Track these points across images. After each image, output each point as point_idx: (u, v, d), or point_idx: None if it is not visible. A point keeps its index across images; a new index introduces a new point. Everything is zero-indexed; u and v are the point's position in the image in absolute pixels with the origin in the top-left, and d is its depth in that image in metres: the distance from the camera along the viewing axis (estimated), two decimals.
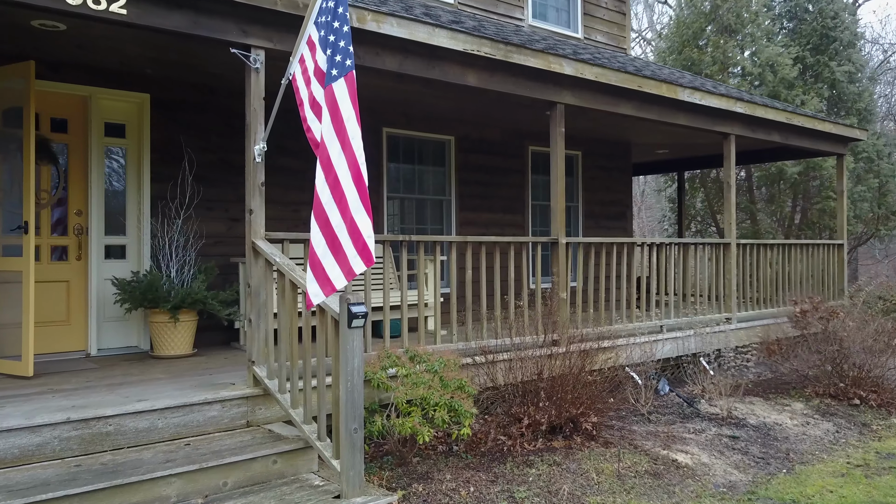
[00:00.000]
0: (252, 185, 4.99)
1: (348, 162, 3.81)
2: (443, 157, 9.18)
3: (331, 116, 3.85)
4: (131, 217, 6.78)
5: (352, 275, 3.78)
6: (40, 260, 6.38)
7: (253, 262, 4.97)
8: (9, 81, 5.49)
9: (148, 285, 6.12)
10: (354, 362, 3.94)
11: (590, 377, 5.69)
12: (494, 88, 6.47)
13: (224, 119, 7.17)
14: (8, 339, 5.45)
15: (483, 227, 9.33)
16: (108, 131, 6.68)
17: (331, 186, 3.80)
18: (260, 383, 4.85)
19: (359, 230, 3.77)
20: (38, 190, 6.38)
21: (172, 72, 6.64)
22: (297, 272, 4.51)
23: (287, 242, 5.17)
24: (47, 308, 6.37)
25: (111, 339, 6.66)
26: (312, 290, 3.81)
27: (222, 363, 6.05)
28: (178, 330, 6.27)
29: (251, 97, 4.98)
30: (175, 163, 6.87)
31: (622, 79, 7.29)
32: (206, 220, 7.01)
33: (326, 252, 3.79)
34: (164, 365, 5.93)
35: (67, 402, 4.50)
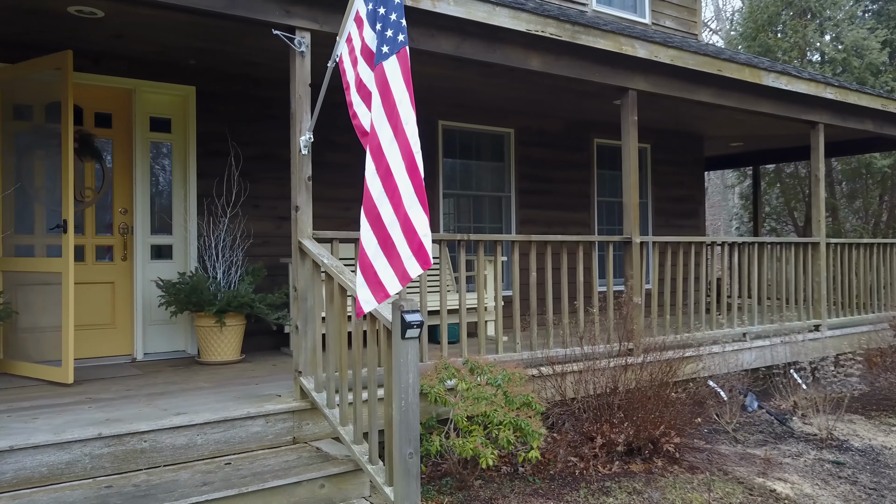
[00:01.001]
0: (298, 180, 4.58)
1: (401, 150, 3.34)
2: (501, 151, 8.65)
3: (381, 99, 3.38)
4: (177, 216, 6.49)
5: (406, 279, 3.31)
6: (84, 260, 6.14)
7: (299, 263, 4.56)
8: (46, 74, 5.23)
9: (192, 288, 5.80)
10: (409, 378, 3.46)
11: (673, 393, 5.09)
12: (560, 73, 5.91)
13: (270, 111, 6.81)
14: (49, 343, 5.19)
15: (545, 226, 8.76)
16: (153, 126, 6.40)
17: (382, 178, 3.33)
18: (307, 396, 4.43)
19: (413, 228, 3.29)
20: (83, 188, 6.14)
21: (215, 62, 6.32)
22: (346, 275, 4.07)
23: (336, 242, 4.74)
24: (92, 310, 6.12)
25: (157, 343, 6.37)
26: (363, 297, 3.35)
27: (269, 371, 5.67)
28: (225, 335, 5.93)
29: (296, 84, 4.57)
30: (220, 158, 6.54)
31: (700, 62, 6.64)
32: (254, 218, 6.67)
33: (378, 253, 3.32)
34: (209, 372, 5.59)
35: (102, 414, 4.17)
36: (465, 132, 8.30)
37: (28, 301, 5.37)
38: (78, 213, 6.12)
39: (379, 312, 3.65)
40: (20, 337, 5.42)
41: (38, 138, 5.48)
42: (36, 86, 5.39)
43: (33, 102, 5.52)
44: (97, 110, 6.19)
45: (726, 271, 7.23)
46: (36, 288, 5.31)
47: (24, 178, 5.50)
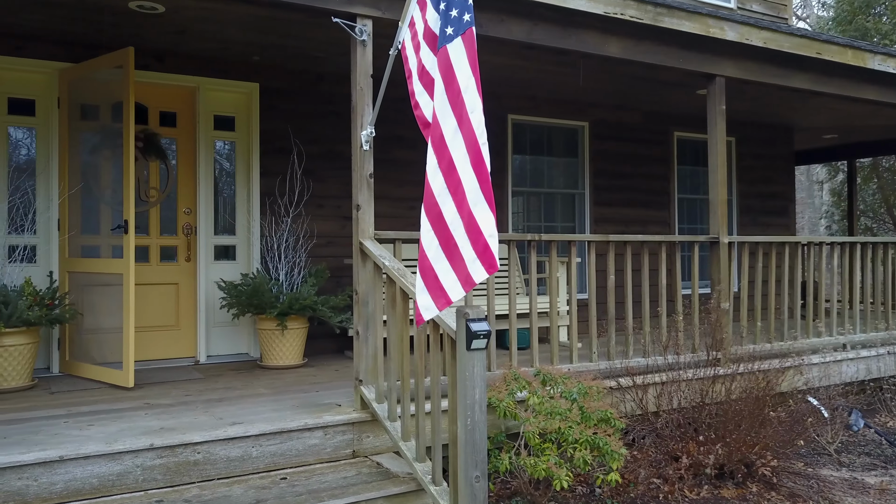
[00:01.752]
0: (359, 178, 4.32)
1: (466, 142, 3.01)
2: (574, 145, 8.22)
3: (444, 85, 3.06)
4: (240, 216, 6.36)
5: (470, 284, 2.98)
6: (149, 261, 6.08)
7: (360, 265, 4.29)
8: (110, 72, 5.15)
9: (253, 289, 5.64)
10: (475, 394, 3.13)
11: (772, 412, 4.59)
12: (640, 60, 5.46)
13: (333, 108, 6.61)
14: (112, 345, 5.11)
15: (621, 225, 8.27)
16: (217, 124, 6.28)
17: (444, 173, 3.02)
18: (368, 406, 4.17)
19: (478, 228, 2.96)
20: (147, 187, 6.08)
21: (278, 57, 6.15)
22: (408, 278, 3.77)
23: (399, 243, 4.46)
24: (157, 312, 6.06)
25: (221, 345, 6.26)
26: (423, 303, 3.04)
27: (331, 376, 5.45)
28: (287, 338, 5.75)
29: (357, 74, 4.31)
30: (283, 156, 6.38)
31: (797, 44, 6.05)
32: (317, 218, 6.48)
33: (439, 255, 3.01)
34: (270, 377, 5.42)
35: (157, 422, 4.01)
36: (535, 126, 7.90)
37: (91, 302, 5.32)
38: (142, 214, 6.07)
39: (442, 320, 3.34)
40: (84, 338, 5.38)
41: (105, 138, 5.42)
42: (101, 85, 5.33)
43: (99, 102, 5.48)
44: (162, 109, 6.12)
45: (825, 274, 6.59)
46: (99, 289, 5.25)
47: (90, 178, 5.46)
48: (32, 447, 3.49)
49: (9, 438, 3.67)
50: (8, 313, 4.74)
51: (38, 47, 5.50)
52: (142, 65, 5.77)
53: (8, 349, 4.79)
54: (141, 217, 6.06)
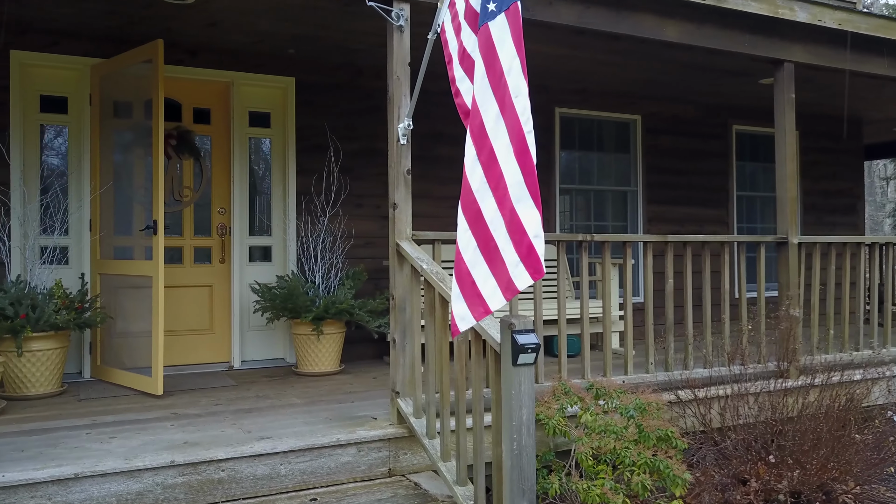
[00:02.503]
0: (396, 174, 4.01)
1: (509, 130, 2.67)
2: (626, 140, 7.78)
3: (485, 67, 2.73)
4: (276, 215, 6.14)
5: (512, 291, 2.64)
6: (182, 263, 5.90)
7: (397, 268, 3.99)
8: (141, 68, 4.96)
9: (288, 293, 5.39)
10: (522, 415, 2.79)
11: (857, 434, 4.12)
12: (701, 45, 5.02)
13: (371, 102, 6.33)
14: (141, 350, 4.92)
15: (676, 224, 7.80)
16: (252, 121, 6.07)
17: (484, 166, 2.68)
18: (405, 420, 3.86)
19: (522, 227, 2.62)
20: (181, 187, 5.90)
21: (314, 50, 5.89)
22: (447, 283, 3.45)
23: (439, 244, 4.14)
24: (190, 315, 5.87)
25: (256, 350, 6.05)
26: (459, 312, 2.71)
27: (369, 384, 5.17)
28: (323, 343, 5.49)
29: (393, 63, 4.00)
30: (320, 154, 6.13)
31: (875, 25, 5.52)
32: (355, 218, 6.21)
33: (478, 258, 2.67)
34: (304, 385, 5.16)
35: (182, 435, 3.77)
36: (584, 120, 7.50)
37: (122, 305, 5.15)
38: (176, 214, 5.89)
39: (484, 329, 3.00)
40: (115, 343, 5.21)
41: (137, 136, 5.25)
42: (132, 81, 5.15)
43: (131, 99, 5.30)
44: (196, 106, 5.93)
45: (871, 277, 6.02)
46: (129, 291, 5.07)
47: (123, 177, 5.30)
48: (48, 462, 3.28)
49: (26, 451, 3.47)
50: (35, 317, 4.58)
51: (71, 43, 5.36)
52: (175, 60, 5.59)
53: (35, 354, 4.63)
54: (174, 217, 5.88)
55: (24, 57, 5.22)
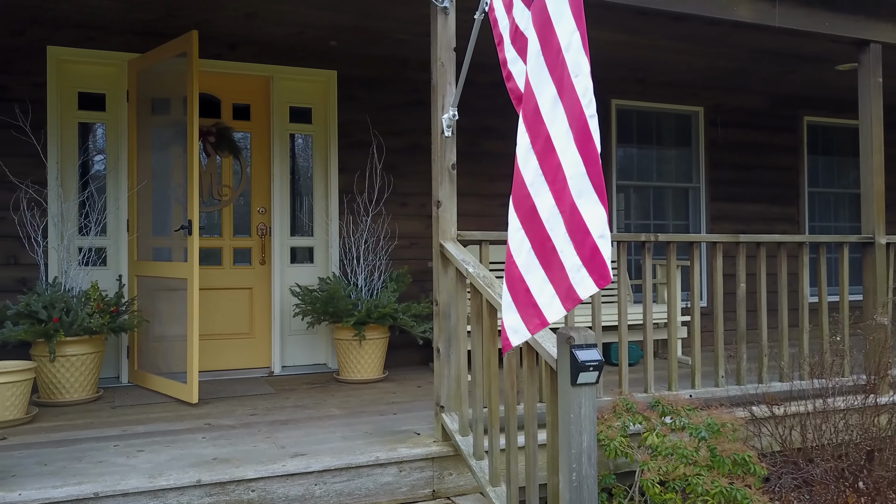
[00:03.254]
0: (440, 169, 3.69)
1: (568, 114, 2.31)
2: (688, 133, 7.30)
3: (540, 44, 2.38)
4: (318, 215, 5.89)
5: (573, 301, 2.28)
6: (222, 264, 5.70)
7: (441, 271, 3.67)
8: (178, 63, 4.75)
9: (329, 296, 5.13)
10: (582, 441, 2.43)
11: None
12: (776, 25, 4.55)
13: (416, 96, 6.02)
14: (177, 355, 4.72)
15: (742, 223, 7.29)
16: (293, 116, 5.83)
17: (539, 155, 2.33)
18: (450, 437, 3.53)
19: (585, 226, 2.26)
20: (220, 186, 5.70)
21: (357, 41, 5.62)
22: (495, 288, 3.11)
23: (486, 245, 3.81)
24: (230, 319, 5.67)
25: (297, 355, 5.81)
26: (510, 323, 2.36)
27: (413, 394, 4.87)
28: (365, 349, 5.21)
29: (438, 48, 3.68)
30: (362, 150, 5.85)
31: None
32: (399, 217, 5.92)
33: (532, 262, 2.32)
34: (346, 393, 4.89)
35: (213, 450, 3.53)
36: (643, 112, 7.05)
37: (158, 308, 4.97)
38: (215, 214, 5.70)
39: (538, 342, 2.66)
40: (151, 347, 5.03)
41: (176, 133, 5.05)
42: (170, 76, 4.96)
43: (169, 95, 5.12)
44: (235, 101, 5.73)
45: None
46: (165, 294, 4.88)
47: (161, 176, 5.12)
48: (69, 479, 3.07)
49: (49, 465, 3.27)
50: (69, 321, 4.42)
51: (107, 38, 5.21)
52: (213, 54, 5.40)
53: (70, 359, 4.47)
54: (213, 217, 5.70)
55: (60, 53, 5.09)
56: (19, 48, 5.00)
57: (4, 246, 4.94)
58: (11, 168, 4.91)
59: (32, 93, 5.01)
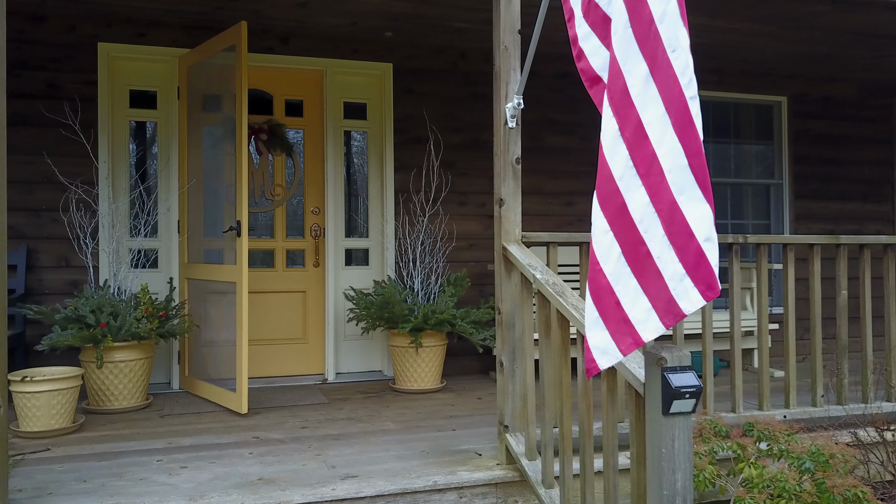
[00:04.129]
0: (503, 164, 3.36)
1: (663, 95, 1.95)
2: (769, 126, 6.76)
3: (629, 14, 2.02)
4: (373, 215, 5.63)
5: (675, 315, 1.91)
6: (274, 267, 5.50)
7: (504, 276, 3.33)
8: (226, 56, 4.55)
9: (384, 301, 4.85)
10: (676, 480, 2.06)
11: None
12: None
13: (476, 89, 5.71)
14: (226, 361, 4.52)
15: (829, 222, 6.71)
16: (347, 112, 5.59)
17: (629, 143, 1.97)
18: (516, 461, 3.20)
19: (688, 227, 1.89)
20: (272, 185, 5.49)
21: (413, 32, 5.34)
22: (568, 297, 2.76)
23: (553, 247, 3.46)
24: (283, 323, 5.46)
25: (351, 361, 5.56)
26: (597, 342, 2.01)
27: (473, 407, 4.55)
28: (422, 357, 4.91)
29: (500, 30, 3.35)
30: (419, 147, 5.56)
31: None
32: (457, 217, 5.61)
33: (622, 269, 1.97)
34: (401, 404, 4.60)
35: (259, 468, 3.28)
36: (720, 104, 6.55)
37: (207, 312, 4.78)
38: (267, 214, 5.50)
39: (620, 362, 2.29)
40: (201, 352, 4.86)
41: (226, 131, 4.86)
42: (220, 71, 4.77)
43: (220, 92, 4.92)
44: (287, 97, 5.51)
45: None
46: (214, 298, 4.69)
47: (212, 175, 4.93)
48: (106, 499, 2.86)
49: (88, 482, 3.08)
50: (117, 326, 4.26)
51: (158, 33, 5.06)
52: (265, 48, 5.20)
53: (118, 365, 4.32)
54: (266, 218, 5.50)
55: (111, 49, 4.96)
56: (70, 45, 4.89)
57: (55, 248, 4.83)
58: (61, 168, 4.80)
59: (83, 91, 4.90)
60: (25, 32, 4.81)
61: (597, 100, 2.34)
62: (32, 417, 3.79)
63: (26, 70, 4.81)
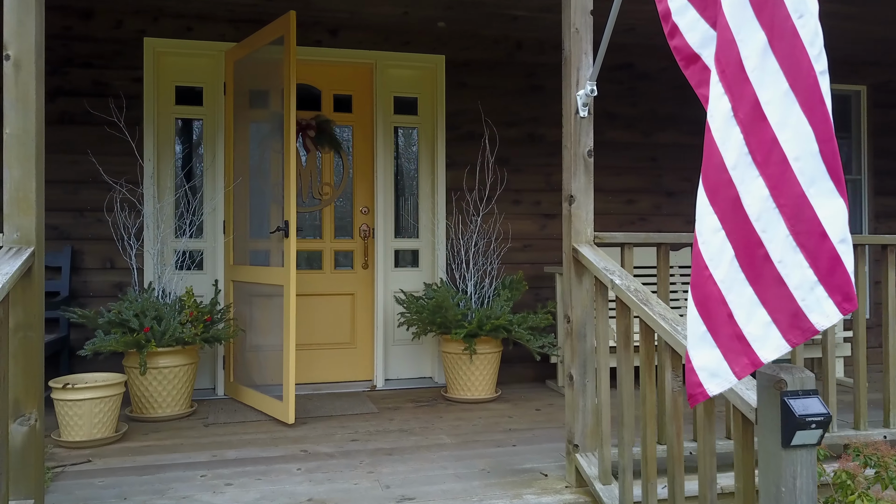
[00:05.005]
0: (573, 156, 3.06)
1: (786, 69, 1.64)
2: (846, 117, 6.30)
3: None
4: (424, 215, 5.38)
5: (804, 331, 1.60)
6: (322, 268, 5.29)
7: (574, 280, 3.04)
8: (273, 50, 4.36)
9: (436, 305, 4.60)
10: None
11: None
12: None
13: (532, 81, 5.42)
14: (272, 367, 4.33)
15: None
16: (397, 107, 5.35)
17: (744, 126, 1.66)
18: (588, 484, 2.90)
19: (820, 226, 1.58)
20: (320, 184, 5.29)
21: (467, 21, 5.08)
22: (654, 306, 2.45)
23: (629, 249, 3.14)
24: (330, 327, 5.25)
25: (401, 367, 5.32)
26: (703, 363, 1.70)
27: (532, 419, 4.26)
28: (476, 365, 4.64)
29: (571, 12, 3.05)
30: (472, 143, 5.29)
31: None
32: (511, 216, 5.32)
33: (735, 276, 1.66)
34: (455, 415, 4.34)
35: (307, 486, 3.06)
36: None
37: (253, 316, 4.60)
38: (315, 214, 5.30)
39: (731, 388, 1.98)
40: (246, 358, 4.67)
41: (274, 128, 4.67)
42: (267, 66, 4.58)
43: (267, 87, 4.74)
44: (336, 92, 5.31)
45: None
46: (260, 301, 4.50)
47: (259, 174, 4.75)
48: None
49: (129, 500, 2.89)
50: (161, 330, 4.09)
51: (205, 27, 4.90)
52: (314, 41, 5.01)
53: (162, 371, 4.15)
54: (314, 218, 5.30)
55: (157, 44, 4.82)
56: (117, 41, 4.76)
57: (101, 249, 4.71)
58: (106, 167, 4.68)
59: (129, 88, 4.77)
60: (73, 28, 4.70)
61: (694, 81, 2.03)
62: (74, 426, 3.64)
63: (73, 67, 4.70)
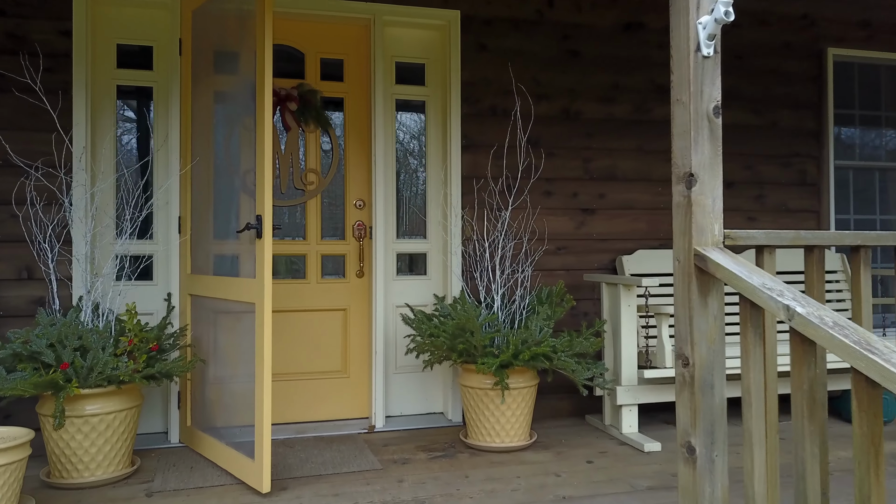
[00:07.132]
0: (692, 116, 2.03)
1: None
2: None
3: None
4: (433, 210, 4.32)
5: None
6: (306, 277, 4.21)
7: (696, 300, 2.00)
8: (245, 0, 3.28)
9: (458, 327, 3.54)
10: None
11: None
12: None
13: (568, 46, 4.39)
14: (240, 409, 3.24)
15: None
16: (400, 76, 4.29)
17: None
18: None
19: None
20: (304, 170, 4.22)
21: None
22: (882, 352, 1.42)
23: (770, 252, 2.11)
24: (316, 351, 4.18)
25: (405, 400, 4.26)
26: None
27: (587, 477, 3.21)
28: (507, 404, 3.59)
29: None
30: (495, 120, 4.25)
31: None
32: (544, 211, 4.29)
33: None
34: (484, 473, 3.28)
35: None
36: (867, 67, 5.15)
37: (217, 341, 3.51)
38: (297, 208, 4.22)
39: None
40: (208, 395, 3.58)
41: (247, 100, 3.58)
42: (237, 21, 3.49)
43: (238, 47, 3.63)
44: (324, 55, 4.24)
45: None
46: (226, 319, 3.41)
47: (226, 158, 3.65)
48: None
49: None
50: (87, 365, 3.00)
51: None
52: None
53: (89, 421, 3.05)
54: (295, 214, 4.22)
55: None
56: None
57: (14, 255, 3.59)
58: (17, 146, 3.56)
59: (54, 44, 3.66)
60: None
61: None
62: None
63: None
